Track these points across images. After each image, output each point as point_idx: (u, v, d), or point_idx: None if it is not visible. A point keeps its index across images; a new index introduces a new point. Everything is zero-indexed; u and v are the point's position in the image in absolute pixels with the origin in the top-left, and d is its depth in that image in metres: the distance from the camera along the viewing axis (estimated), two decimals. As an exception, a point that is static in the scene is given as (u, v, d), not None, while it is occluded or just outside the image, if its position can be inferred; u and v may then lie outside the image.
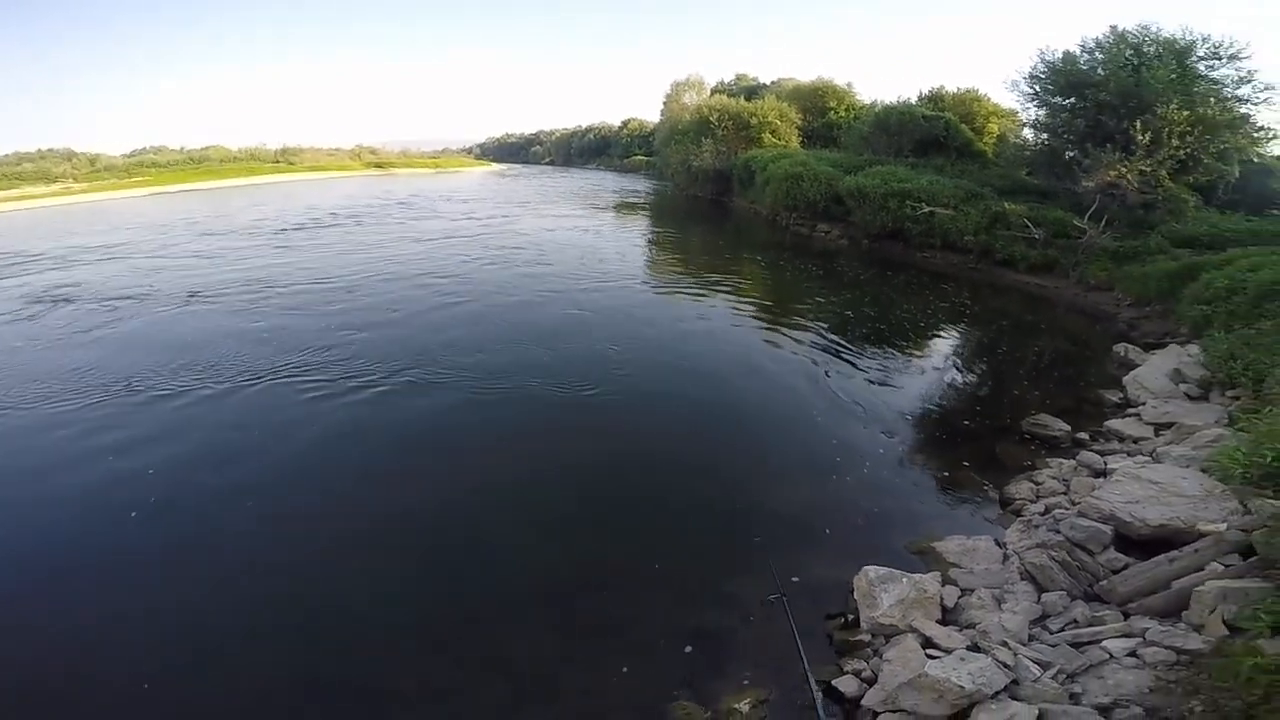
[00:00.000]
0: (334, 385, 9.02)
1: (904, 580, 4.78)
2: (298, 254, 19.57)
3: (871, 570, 4.91)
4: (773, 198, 25.72)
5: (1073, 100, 17.28)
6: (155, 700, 4.24)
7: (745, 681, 4.31)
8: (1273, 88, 15.17)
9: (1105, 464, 6.66)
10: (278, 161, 67.70)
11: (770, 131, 34.75)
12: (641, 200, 38.16)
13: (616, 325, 11.86)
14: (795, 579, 5.21)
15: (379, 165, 72.23)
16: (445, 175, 67.08)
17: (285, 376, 9.37)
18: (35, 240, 24.83)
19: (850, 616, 4.80)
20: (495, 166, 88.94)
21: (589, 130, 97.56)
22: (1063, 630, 4.27)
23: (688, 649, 4.59)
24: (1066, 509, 5.79)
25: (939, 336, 12.24)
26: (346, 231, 24.19)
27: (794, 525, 6.00)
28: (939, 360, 10.77)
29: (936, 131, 25.87)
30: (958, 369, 10.41)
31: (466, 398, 8.64)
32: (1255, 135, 16.02)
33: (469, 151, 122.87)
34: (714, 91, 48.60)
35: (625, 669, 4.42)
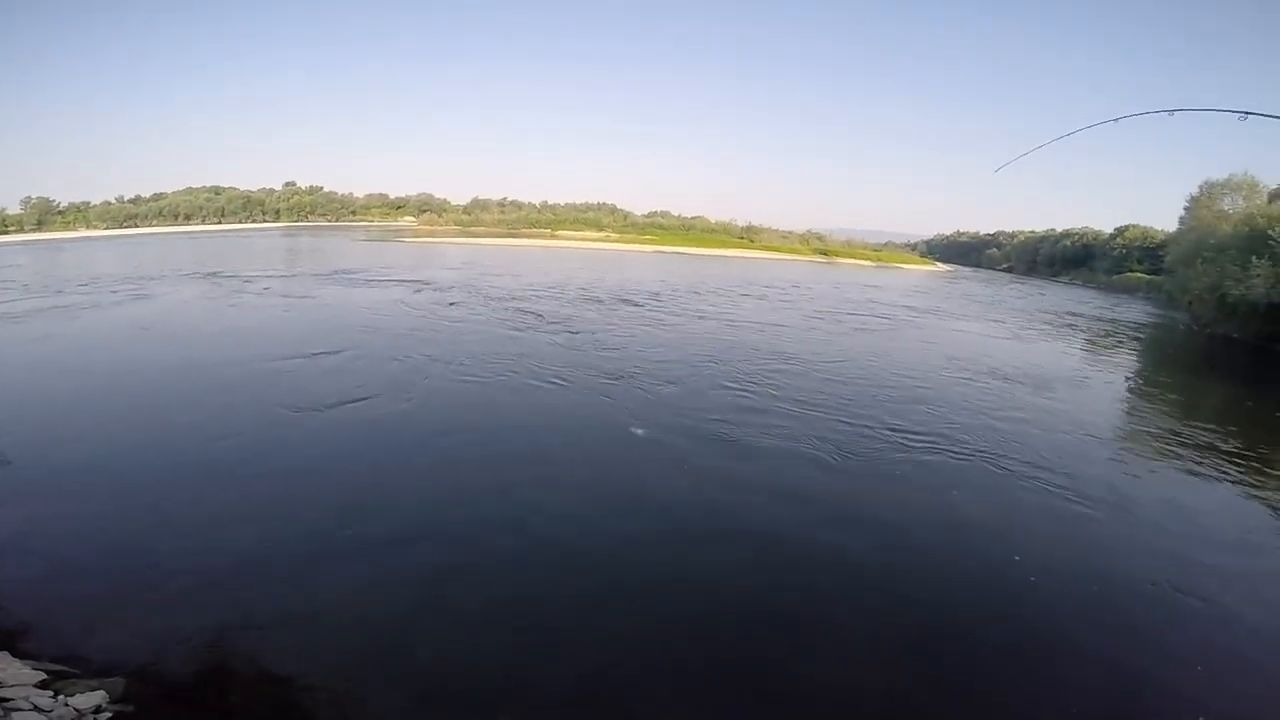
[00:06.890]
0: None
1: None
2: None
3: None
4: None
5: None
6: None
7: None
8: None
9: None
10: (741, 238, 79.24)
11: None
12: (1134, 333, 29.50)
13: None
14: None
15: (824, 253, 76.97)
16: (885, 270, 66.70)
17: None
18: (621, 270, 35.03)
19: None
20: (940, 267, 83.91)
21: (1065, 235, 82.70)
22: None
23: None
24: None
25: None
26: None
27: None
28: None
29: None
30: None
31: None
32: None
33: (913, 248, 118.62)
34: (1275, 197, 34.87)
35: None
